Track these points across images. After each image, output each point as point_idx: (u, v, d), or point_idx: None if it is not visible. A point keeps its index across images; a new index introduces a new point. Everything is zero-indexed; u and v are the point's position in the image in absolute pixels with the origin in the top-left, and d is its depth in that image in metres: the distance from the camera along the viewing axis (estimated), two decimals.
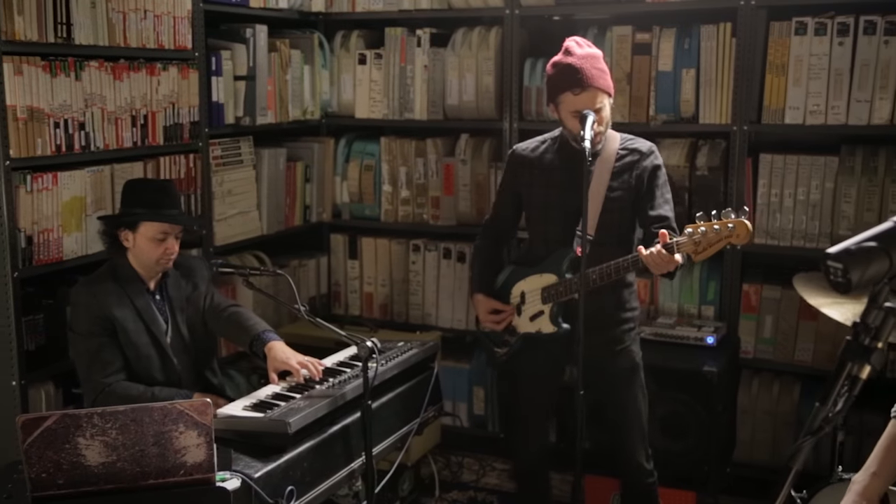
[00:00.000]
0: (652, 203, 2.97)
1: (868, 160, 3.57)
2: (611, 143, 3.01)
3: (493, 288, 3.22)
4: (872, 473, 1.69)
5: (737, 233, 2.62)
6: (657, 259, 2.68)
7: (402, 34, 4.27)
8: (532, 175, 3.11)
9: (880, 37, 3.47)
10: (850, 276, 1.19)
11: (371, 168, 4.42)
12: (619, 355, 3.08)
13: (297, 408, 2.59)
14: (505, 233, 3.35)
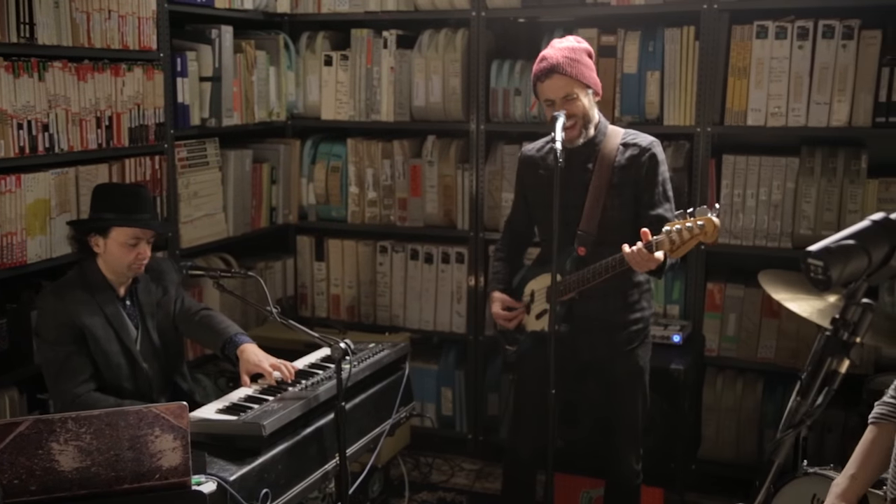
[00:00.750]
0: (651, 201, 2.96)
1: (827, 161, 3.65)
2: (612, 139, 3.00)
3: (510, 286, 3.23)
4: (851, 476, 1.74)
5: (705, 230, 2.65)
6: (637, 258, 2.70)
7: (368, 35, 4.27)
8: (536, 175, 3.11)
9: (838, 41, 3.55)
10: (830, 273, 1.23)
11: (337, 169, 4.41)
12: (622, 358, 3.04)
13: (270, 410, 2.59)
14: (521, 233, 3.33)
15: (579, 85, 2.88)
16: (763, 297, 3.80)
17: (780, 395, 3.83)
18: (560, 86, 2.87)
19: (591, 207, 2.92)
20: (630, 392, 3.06)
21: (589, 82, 2.91)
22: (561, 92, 2.87)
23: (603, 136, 2.98)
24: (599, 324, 2.98)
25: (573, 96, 2.88)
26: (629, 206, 2.97)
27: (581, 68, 2.89)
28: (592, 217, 2.93)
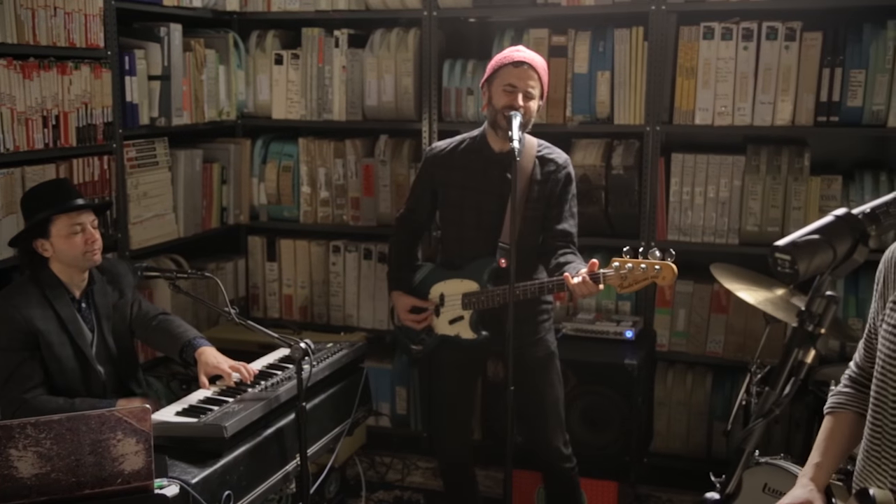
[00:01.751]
0: (559, 216, 3.07)
1: (772, 159, 3.74)
2: (528, 150, 3.06)
3: (411, 285, 3.26)
4: (816, 464, 1.80)
5: (663, 275, 2.73)
6: (583, 288, 2.78)
7: (319, 35, 4.25)
8: (448, 174, 3.15)
9: (781, 42, 3.65)
10: (797, 266, 1.27)
11: (289, 169, 4.39)
12: (535, 345, 3.17)
13: (231, 411, 2.57)
14: (419, 228, 3.39)
15: (541, 89, 2.98)
16: (712, 293, 3.89)
17: (728, 389, 3.92)
18: (528, 78, 2.96)
19: (512, 218, 2.96)
20: (547, 376, 3.17)
21: (544, 93, 3.03)
22: (527, 84, 2.95)
23: (521, 145, 3.01)
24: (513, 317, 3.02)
25: (532, 95, 2.93)
26: (541, 220, 3.08)
27: (546, 78, 3.02)
28: (513, 228, 2.96)
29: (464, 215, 3.08)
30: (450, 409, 3.28)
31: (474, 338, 3.10)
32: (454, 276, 3.13)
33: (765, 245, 3.69)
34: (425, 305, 3.19)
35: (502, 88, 2.97)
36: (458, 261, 3.14)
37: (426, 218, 3.33)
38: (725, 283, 3.17)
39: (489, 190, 3.03)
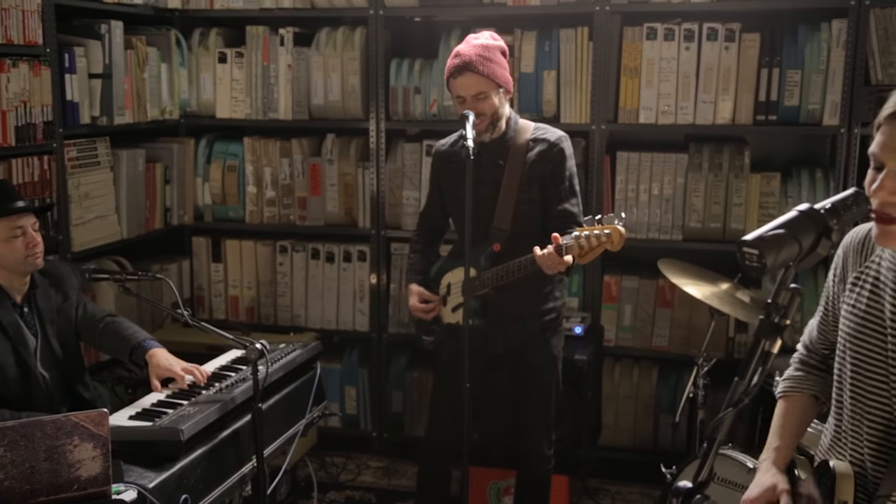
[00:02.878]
0: (559, 195, 3.03)
1: (714, 157, 3.84)
2: (522, 135, 3.05)
3: (428, 277, 3.26)
4: (776, 448, 1.85)
5: (611, 238, 2.75)
6: (548, 260, 2.78)
7: (264, 33, 4.21)
8: (449, 170, 3.15)
9: (721, 43, 3.74)
10: (765, 260, 1.31)
11: (234, 169, 4.34)
12: (537, 347, 3.13)
13: (187, 414, 2.54)
14: (436, 224, 3.36)
15: (490, 84, 2.92)
16: (657, 288, 3.97)
17: (673, 382, 4.01)
18: (471, 84, 2.91)
19: (505, 203, 2.99)
20: (544, 380, 3.15)
21: (500, 81, 2.96)
22: (472, 90, 2.91)
23: (514, 132, 3.04)
24: (514, 315, 3.05)
25: (483, 95, 2.92)
26: (540, 202, 3.04)
27: (493, 67, 2.93)
28: (506, 213, 2.99)
29: (463, 207, 3.04)
30: (444, 399, 3.22)
31: (472, 324, 3.06)
32: (458, 264, 3.12)
33: (707, 241, 3.83)
34: (431, 297, 3.17)
35: (455, 99, 2.99)
36: (462, 249, 3.13)
37: (440, 214, 3.30)
38: (672, 278, 3.24)
39: (482, 179, 3.01)
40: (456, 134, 3.18)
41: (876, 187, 1.50)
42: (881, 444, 1.65)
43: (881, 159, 1.52)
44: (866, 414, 1.67)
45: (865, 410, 1.67)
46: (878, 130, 1.55)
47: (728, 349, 3.89)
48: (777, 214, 3.76)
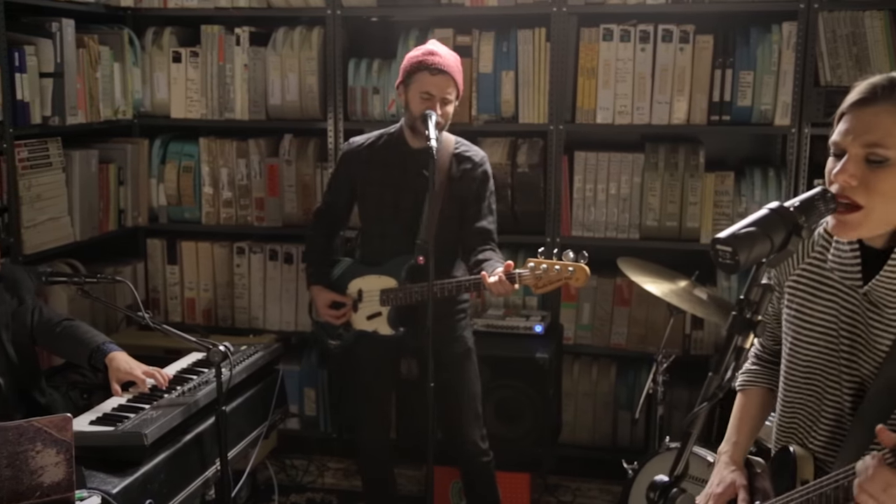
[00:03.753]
0: (478, 213, 3.12)
1: (669, 156, 3.89)
2: (446, 147, 3.10)
3: (330, 279, 3.25)
4: (734, 443, 1.90)
5: (576, 276, 2.81)
6: (499, 287, 2.83)
7: (219, 32, 4.16)
8: (366, 170, 3.16)
9: (676, 44, 3.80)
10: (738, 257, 1.34)
11: (190, 170, 4.28)
12: (453, 342, 3.21)
13: (150, 418, 2.51)
14: (336, 223, 3.38)
15: (457, 92, 3.01)
16: (615, 287, 4.01)
17: (632, 379, 4.06)
18: (446, 86, 2.97)
19: (430, 216, 3.00)
20: (464, 372, 3.22)
21: (461, 93, 3.07)
22: (444, 92, 2.96)
23: (439, 143, 3.05)
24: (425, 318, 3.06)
25: (449, 100, 2.97)
26: (459, 218, 3.12)
27: (461, 77, 3.05)
28: (430, 225, 3.00)
29: (381, 211, 3.10)
30: (369, 404, 3.29)
31: (392, 333, 3.12)
32: (372, 272, 3.15)
33: (664, 239, 3.88)
34: (345, 301, 3.18)
35: (419, 95, 2.99)
36: (376, 257, 3.15)
37: (343, 213, 3.33)
38: (632, 277, 3.29)
39: (407, 186, 3.05)
40: (374, 133, 3.22)
41: (838, 171, 1.55)
42: (832, 434, 1.71)
43: (843, 146, 1.56)
44: (820, 409, 1.72)
45: (819, 406, 1.72)
46: (839, 120, 1.60)
47: (685, 346, 3.95)
48: (731, 213, 3.85)
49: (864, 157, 1.53)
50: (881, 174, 1.52)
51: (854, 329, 1.65)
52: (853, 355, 1.65)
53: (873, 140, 1.52)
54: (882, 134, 1.51)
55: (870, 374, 1.63)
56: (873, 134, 1.52)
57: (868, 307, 1.62)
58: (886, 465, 1.41)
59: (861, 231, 1.57)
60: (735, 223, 4.02)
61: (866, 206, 1.53)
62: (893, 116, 1.51)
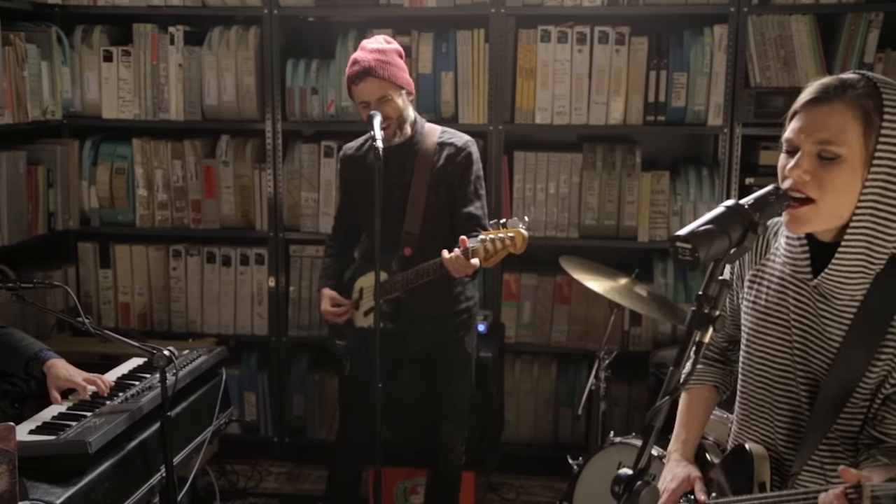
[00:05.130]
0: (464, 199, 3.07)
1: (607, 156, 3.96)
2: (429, 138, 3.08)
3: (342, 282, 3.25)
4: (683, 441, 1.94)
5: (515, 242, 2.81)
6: (455, 264, 2.81)
7: (152, 31, 4.08)
8: (357, 173, 3.14)
9: (612, 46, 3.87)
10: (698, 254, 1.37)
11: (123, 171, 4.19)
12: (451, 346, 3.17)
13: (93, 426, 2.44)
14: (349, 228, 3.35)
15: (392, 87, 2.95)
16: (555, 285, 4.06)
17: (572, 376, 4.11)
18: (374, 89, 2.93)
19: (414, 207, 3.01)
20: (458, 378, 3.20)
21: (402, 83, 2.99)
22: (375, 94, 2.93)
23: (421, 135, 3.07)
24: (426, 316, 3.08)
25: (387, 98, 2.95)
26: (447, 205, 3.08)
27: (393, 70, 2.97)
28: (415, 216, 3.01)
29: (372, 211, 3.05)
30: (357, 401, 3.22)
31: (383, 327, 3.07)
32: (369, 268, 3.12)
33: (603, 237, 3.94)
34: (342, 302, 3.17)
35: (358, 105, 3.00)
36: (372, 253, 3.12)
37: (352, 220, 3.30)
38: (574, 275, 3.33)
39: (391, 184, 3.01)
40: (363, 137, 3.19)
41: (792, 167, 1.59)
42: (791, 427, 1.76)
43: (796, 143, 1.61)
44: (776, 402, 1.77)
45: (775, 399, 1.77)
46: (791, 118, 1.64)
47: (623, 342, 4.02)
48: (667, 211, 3.94)
49: (816, 153, 1.58)
50: (833, 170, 1.57)
51: (806, 322, 1.70)
52: (805, 348, 1.71)
53: (825, 138, 1.57)
54: (834, 132, 1.57)
55: (823, 366, 1.68)
56: (826, 132, 1.57)
57: (818, 300, 1.68)
58: None
59: (813, 225, 1.62)
60: (671, 221, 4.13)
61: (818, 201, 1.59)
62: (845, 116, 1.57)
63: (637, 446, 2.98)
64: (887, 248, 1.61)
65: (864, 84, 1.59)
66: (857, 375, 1.63)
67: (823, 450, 1.71)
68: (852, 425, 1.68)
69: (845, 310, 1.65)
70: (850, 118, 1.57)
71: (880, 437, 1.63)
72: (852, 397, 1.65)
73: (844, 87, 1.58)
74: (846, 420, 1.67)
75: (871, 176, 1.58)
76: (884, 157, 1.57)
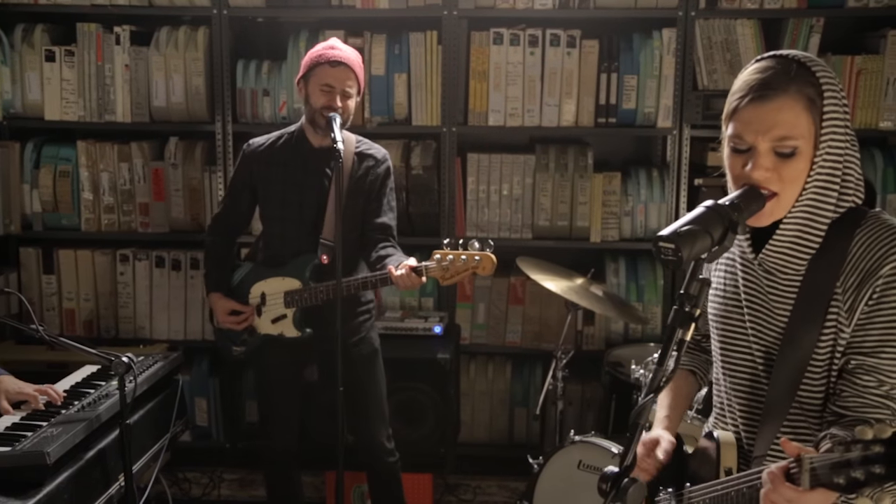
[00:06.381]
0: (378, 210, 3.12)
1: (559, 157, 4.00)
2: (347, 146, 3.08)
3: (230, 285, 3.19)
4: (666, 416, 1.95)
5: (482, 265, 2.83)
6: (406, 280, 2.83)
7: (97, 30, 3.98)
8: (267, 170, 3.11)
9: (564, 48, 3.91)
10: (681, 253, 1.40)
11: (67, 174, 4.08)
12: (359, 343, 3.20)
13: (50, 436, 2.38)
14: (236, 227, 3.33)
15: (357, 87, 2.99)
16: (509, 286, 4.08)
17: (527, 376, 4.14)
18: (345, 78, 2.96)
19: (333, 214, 2.98)
20: (370, 373, 3.22)
21: (362, 90, 3.04)
22: (344, 84, 2.95)
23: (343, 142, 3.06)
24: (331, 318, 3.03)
25: (350, 94, 2.95)
26: (360, 215, 3.12)
27: (362, 73, 3.05)
28: (332, 224, 2.99)
29: (284, 212, 3.05)
30: (275, 407, 3.23)
31: (298, 335, 3.08)
32: (275, 274, 3.10)
33: (556, 238, 3.98)
34: (243, 309, 3.13)
35: (319, 88, 2.96)
36: (278, 258, 3.10)
37: (244, 217, 3.28)
38: (532, 275, 3.35)
39: (309, 185, 3.02)
40: (275, 134, 3.19)
41: (753, 168, 1.60)
42: (750, 411, 1.79)
43: (750, 141, 1.61)
44: (737, 386, 1.81)
45: (736, 383, 1.81)
46: (732, 118, 1.64)
47: (577, 342, 4.06)
48: (619, 212, 3.99)
49: (772, 149, 1.61)
50: (791, 163, 1.61)
51: (755, 300, 1.74)
52: (758, 327, 1.74)
53: (781, 134, 1.60)
54: (788, 127, 1.59)
55: (775, 341, 1.71)
56: (780, 128, 1.59)
57: (764, 277, 1.71)
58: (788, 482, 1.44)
59: (777, 216, 1.65)
60: (622, 222, 4.18)
61: (780, 193, 1.62)
62: (794, 108, 1.59)
63: (597, 445, 3.05)
64: (825, 220, 1.64)
65: (798, 69, 1.61)
66: (808, 350, 1.65)
67: (787, 432, 1.72)
68: (812, 403, 1.69)
69: (790, 285, 1.68)
70: (800, 110, 1.59)
71: (841, 411, 1.64)
72: (807, 373, 1.67)
73: (787, 80, 1.59)
74: (805, 397, 1.69)
75: (819, 155, 1.62)
76: (827, 135, 1.61)
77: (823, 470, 1.36)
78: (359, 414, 3.22)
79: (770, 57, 1.66)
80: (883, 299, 1.59)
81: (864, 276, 1.60)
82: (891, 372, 1.60)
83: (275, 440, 3.25)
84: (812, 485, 1.39)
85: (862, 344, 1.62)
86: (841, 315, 1.62)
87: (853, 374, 1.62)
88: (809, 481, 1.39)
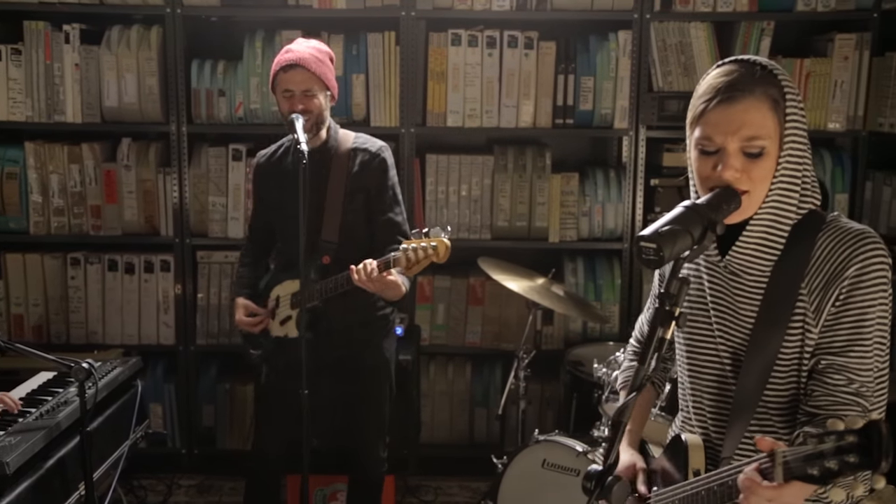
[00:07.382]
0: (382, 205, 3.06)
1: (518, 158, 4.01)
2: (343, 144, 3.04)
3: (257, 291, 3.19)
4: (629, 431, 1.96)
5: (437, 251, 2.81)
6: (370, 282, 2.76)
7: (45, 29, 3.89)
8: (272, 181, 3.10)
9: (521, 50, 3.93)
10: (662, 253, 1.41)
11: (14, 176, 3.97)
12: (369, 351, 3.14)
13: (8, 445, 2.31)
14: (263, 237, 3.27)
15: (320, 83, 2.93)
16: (468, 286, 4.09)
17: (486, 376, 4.15)
18: (302, 79, 2.90)
19: (331, 215, 2.97)
20: (378, 383, 3.17)
21: (328, 84, 2.97)
22: (302, 85, 2.89)
23: (335, 140, 3.04)
24: (343, 324, 3.04)
25: (312, 92, 2.91)
26: (364, 212, 3.06)
27: (324, 68, 2.95)
28: (333, 224, 2.98)
29: (286, 218, 3.00)
30: (270, 412, 3.17)
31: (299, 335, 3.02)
32: (287, 276, 3.08)
33: (515, 239, 4.00)
34: (258, 311, 3.10)
35: (281, 94, 2.94)
36: (291, 261, 3.07)
37: (267, 228, 3.22)
38: (493, 275, 3.36)
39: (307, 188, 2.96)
40: (275, 145, 3.17)
41: (724, 168, 1.62)
42: (718, 412, 1.81)
43: (719, 143, 1.63)
44: (703, 388, 1.83)
45: (702, 385, 1.83)
46: (700, 121, 1.66)
47: (536, 341, 4.06)
48: (577, 212, 4.02)
49: (740, 149, 1.64)
50: (759, 162, 1.64)
51: (721, 302, 1.76)
52: (724, 327, 1.76)
53: (749, 134, 1.63)
54: (756, 127, 1.62)
55: (742, 342, 1.74)
56: (748, 129, 1.62)
57: (730, 279, 1.74)
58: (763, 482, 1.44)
59: (744, 214, 1.68)
60: (580, 222, 4.21)
61: (751, 191, 1.65)
62: (760, 109, 1.63)
63: (561, 444, 3.06)
64: (789, 221, 1.68)
65: (762, 72, 1.65)
66: (774, 350, 1.68)
67: (755, 431, 1.73)
68: (779, 402, 1.72)
69: (755, 286, 1.71)
70: (766, 110, 1.63)
71: (813, 411, 1.66)
72: (773, 372, 1.69)
73: (752, 82, 1.63)
74: (772, 397, 1.71)
75: (784, 155, 1.65)
76: (790, 135, 1.65)
77: (797, 462, 1.37)
78: (358, 423, 3.18)
79: (732, 61, 1.69)
80: (849, 300, 1.63)
81: (829, 278, 1.64)
82: (860, 370, 1.63)
83: (268, 441, 3.18)
84: (786, 478, 1.40)
85: (831, 344, 1.65)
86: (808, 316, 1.66)
87: (823, 373, 1.65)
88: (783, 474, 1.40)
